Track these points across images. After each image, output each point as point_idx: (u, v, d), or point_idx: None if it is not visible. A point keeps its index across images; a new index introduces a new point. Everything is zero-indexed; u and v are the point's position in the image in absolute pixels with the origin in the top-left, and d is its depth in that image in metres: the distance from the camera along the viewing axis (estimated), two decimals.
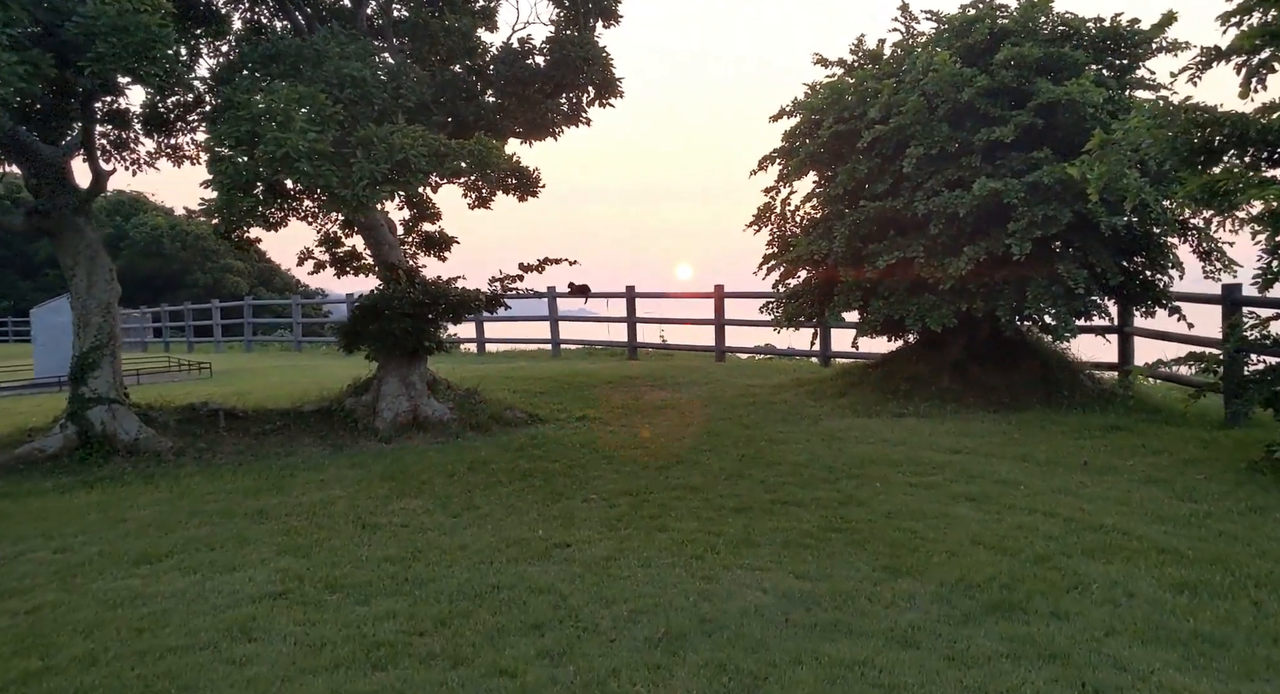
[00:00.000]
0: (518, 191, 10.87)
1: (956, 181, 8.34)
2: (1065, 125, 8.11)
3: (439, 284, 8.09)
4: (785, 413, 8.74)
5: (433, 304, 7.87)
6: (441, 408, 8.13)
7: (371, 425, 7.86)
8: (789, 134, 9.89)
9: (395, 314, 7.67)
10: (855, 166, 8.91)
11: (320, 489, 6.22)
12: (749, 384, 10.59)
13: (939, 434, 7.49)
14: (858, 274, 8.79)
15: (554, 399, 9.88)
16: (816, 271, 9.52)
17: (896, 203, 8.55)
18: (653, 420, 8.63)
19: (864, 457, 6.75)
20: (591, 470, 6.67)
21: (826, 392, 9.49)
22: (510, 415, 8.40)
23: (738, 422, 8.38)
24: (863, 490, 5.85)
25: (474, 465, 6.83)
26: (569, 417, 8.85)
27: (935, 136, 8.38)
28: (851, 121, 9.10)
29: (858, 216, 8.75)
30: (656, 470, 6.61)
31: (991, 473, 6.17)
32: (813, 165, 9.60)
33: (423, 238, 11.12)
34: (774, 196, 10.14)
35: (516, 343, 17.82)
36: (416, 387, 8.04)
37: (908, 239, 8.59)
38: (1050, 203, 7.72)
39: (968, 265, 7.96)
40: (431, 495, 6.01)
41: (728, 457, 6.95)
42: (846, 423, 8.14)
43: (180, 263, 42.98)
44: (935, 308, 8.31)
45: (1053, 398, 8.66)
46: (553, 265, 8.51)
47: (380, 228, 8.31)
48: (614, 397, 10.03)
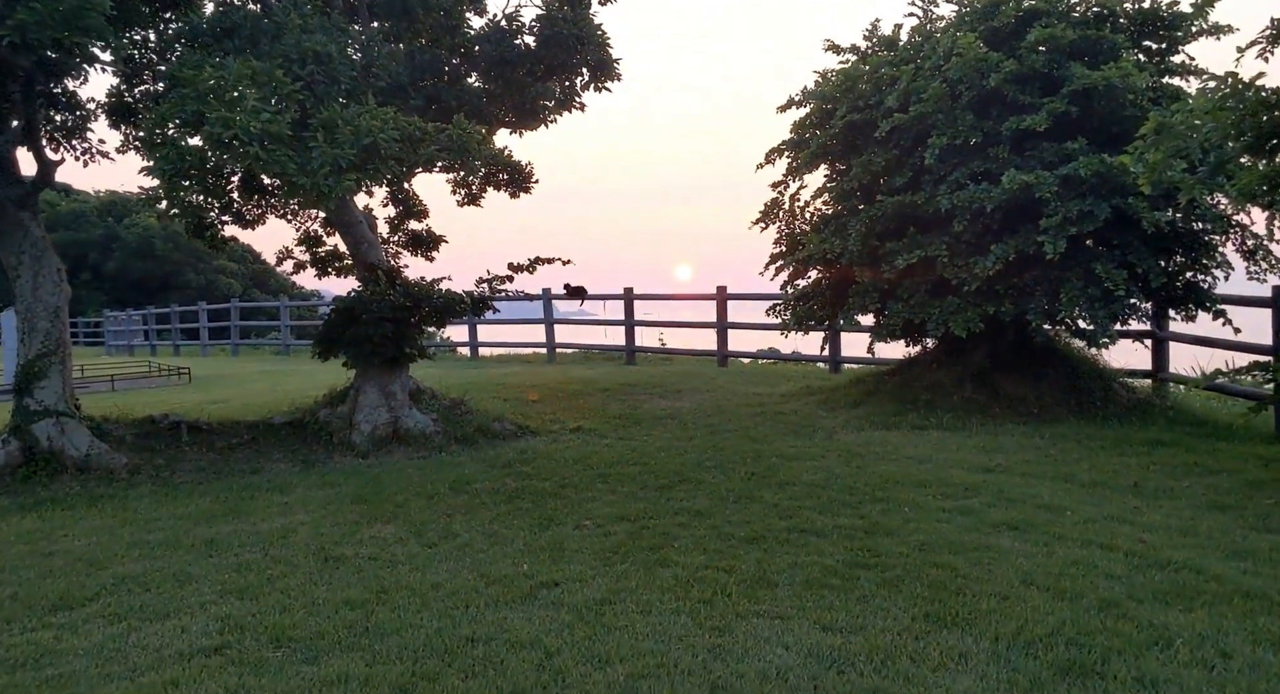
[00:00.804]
0: (509, 187, 10.25)
1: (982, 174, 7.72)
2: (1101, 114, 7.48)
3: (422, 286, 7.45)
4: (796, 424, 8.10)
5: (414, 307, 7.22)
6: (424, 419, 7.49)
7: (348, 439, 7.21)
8: (798, 125, 9.26)
9: (373, 318, 7.03)
10: (871, 159, 8.28)
11: (283, 514, 5.57)
12: (754, 392, 9.95)
13: (967, 450, 6.85)
14: (874, 274, 8.16)
15: (547, 408, 9.24)
16: (828, 272, 8.88)
17: (917, 197, 7.92)
18: (652, 433, 7.99)
19: (887, 476, 6.11)
20: (585, 491, 6.02)
21: (839, 401, 8.84)
22: (499, 427, 7.75)
23: (744, 434, 7.74)
24: (890, 517, 5.21)
25: (456, 485, 6.18)
26: (562, 428, 8.21)
27: (959, 126, 7.75)
28: (867, 111, 8.47)
29: (874, 212, 8.11)
30: (657, 491, 5.97)
31: (1032, 496, 5.52)
32: (824, 158, 8.97)
33: (409, 237, 10.50)
34: (782, 192, 9.51)
35: (511, 347, 17.18)
36: (397, 397, 7.40)
37: (929, 237, 7.95)
38: (1086, 197, 7.09)
39: (995, 265, 7.33)
40: (406, 521, 5.36)
41: (735, 475, 6.31)
42: (864, 436, 7.50)
43: (173, 264, 42.31)
44: (959, 311, 7.68)
45: (1085, 409, 8.03)
46: (545, 265, 7.88)
47: (359, 225, 7.68)
48: (611, 406, 9.39)
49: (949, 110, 7.86)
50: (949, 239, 7.79)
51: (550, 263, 7.91)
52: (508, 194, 10.24)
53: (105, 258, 41.15)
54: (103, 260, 41.23)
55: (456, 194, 10.40)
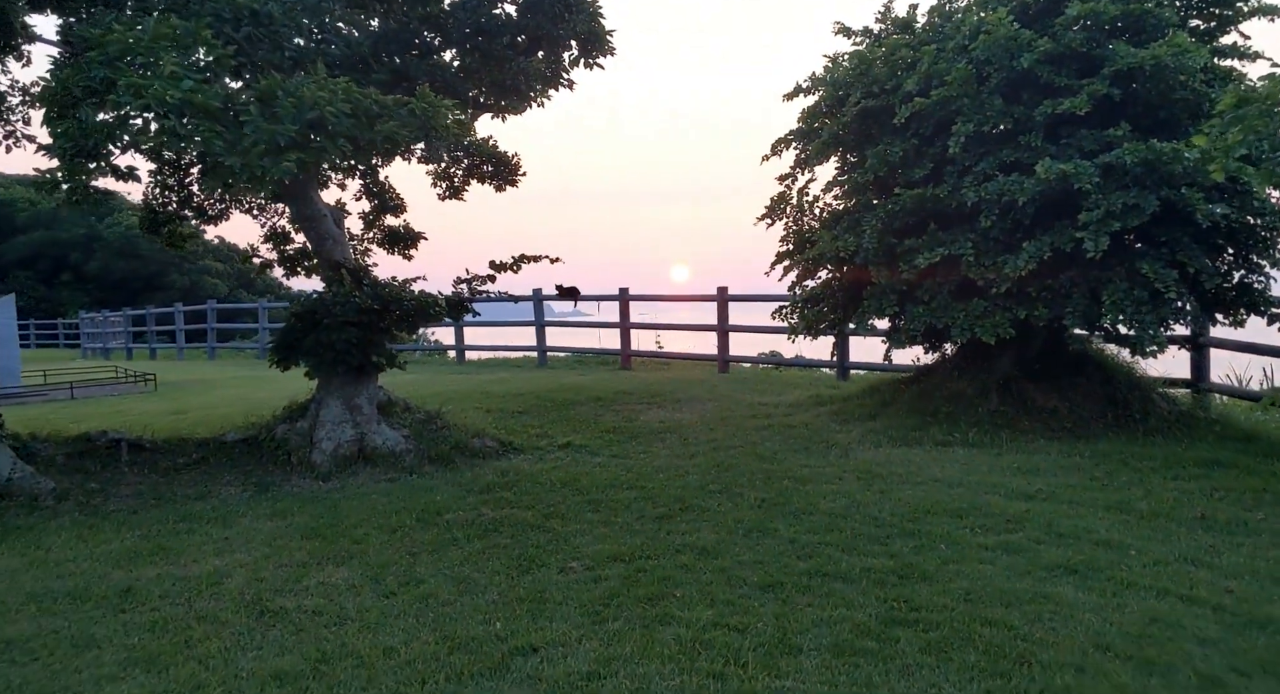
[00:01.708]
0: (494, 180, 9.49)
1: (1013, 164, 7.00)
2: (1146, 97, 6.77)
3: (392, 287, 6.69)
4: (807, 439, 7.36)
5: (383, 311, 6.47)
6: (394, 436, 6.73)
7: (307, 458, 6.45)
8: (807, 113, 8.52)
9: (336, 323, 6.27)
10: (888, 149, 7.55)
11: (220, 552, 4.80)
12: (759, 401, 9.21)
13: (1000, 471, 6.12)
14: (891, 275, 7.42)
15: (534, 420, 8.49)
16: (841, 272, 8.15)
17: (939, 191, 7.19)
18: (650, 449, 7.24)
19: (916, 503, 5.38)
20: (573, 521, 5.28)
21: (853, 413, 8.11)
22: (479, 444, 7.00)
23: (752, 451, 7.00)
24: (925, 556, 4.48)
25: (425, 515, 5.43)
26: (550, 444, 7.45)
27: (987, 111, 7.03)
28: (883, 96, 7.74)
29: (892, 207, 7.38)
30: (655, 521, 5.23)
31: (1086, 530, 4.80)
32: (836, 148, 8.23)
33: (385, 233, 9.73)
34: (789, 185, 8.77)
35: (499, 350, 16.42)
36: (364, 411, 6.64)
37: (952, 233, 7.23)
38: (1130, 189, 6.37)
39: (1028, 265, 6.60)
40: (362, 562, 4.61)
41: (744, 502, 5.57)
42: (883, 454, 6.77)
43: (157, 264, 41.40)
44: (987, 315, 6.96)
45: (1123, 422, 7.31)
46: (531, 264, 7.13)
47: (323, 220, 6.92)
48: (604, 417, 8.64)
49: (975, 94, 7.13)
50: (975, 236, 7.07)
51: (536, 261, 7.17)
52: (493, 187, 9.51)
53: (87, 258, 40.24)
54: (84, 260, 40.32)
55: (437, 187, 9.67)
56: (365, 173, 9.28)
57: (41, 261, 41.56)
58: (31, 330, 35.53)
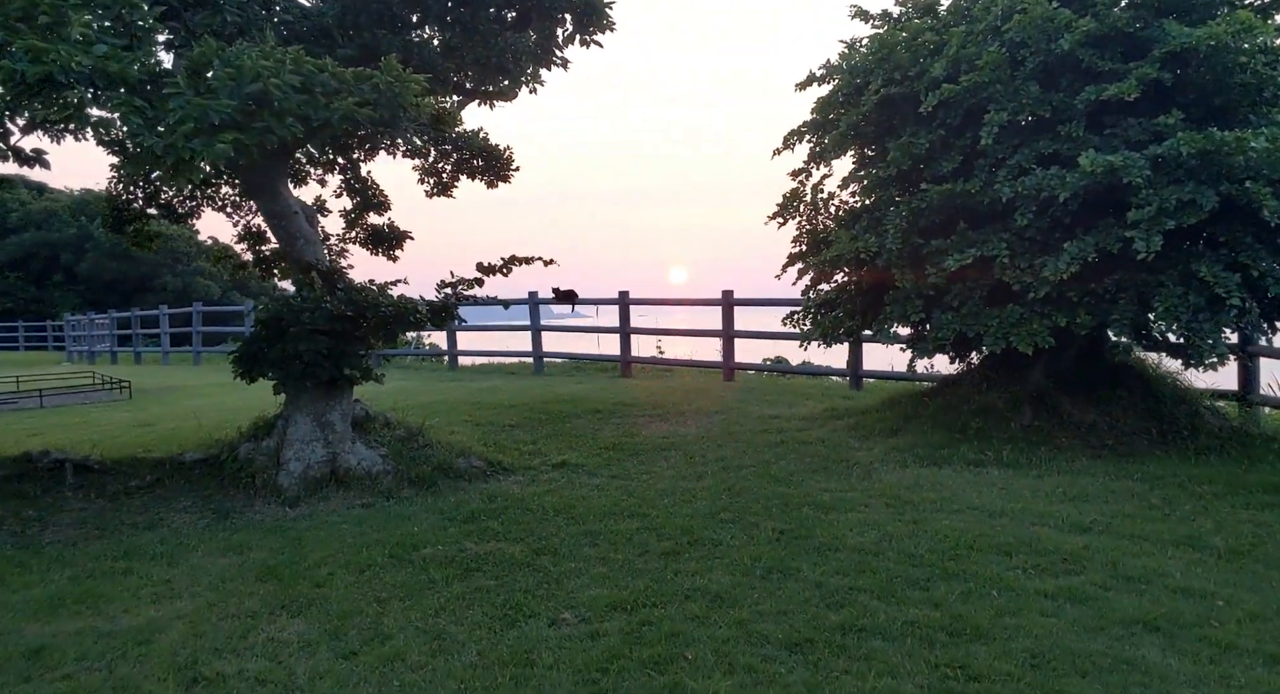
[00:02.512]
0: (485, 175, 8.88)
1: (1051, 157, 6.38)
2: (1200, 82, 6.15)
3: (368, 291, 6.06)
4: (825, 458, 6.72)
5: (357, 318, 5.83)
6: (370, 456, 6.09)
7: (273, 481, 5.81)
8: (822, 103, 7.90)
9: (304, 331, 5.64)
10: (912, 140, 6.92)
11: (160, 599, 4.16)
12: (770, 414, 8.58)
13: (1045, 497, 5.49)
14: (917, 278, 6.79)
15: (527, 435, 7.85)
16: (859, 274, 7.52)
17: (970, 186, 6.57)
18: (653, 469, 6.61)
19: (956, 537, 4.74)
20: (567, 558, 4.64)
21: (872, 428, 7.48)
22: (464, 464, 6.36)
23: (765, 472, 6.36)
24: (976, 605, 3.85)
25: (400, 550, 4.79)
26: (543, 463, 6.81)
27: (1022, 98, 6.41)
28: (906, 83, 7.12)
29: (917, 204, 6.76)
30: (661, 558, 4.59)
31: (1157, 573, 4.17)
32: (854, 141, 7.61)
33: (368, 232, 9.11)
34: (803, 181, 8.15)
35: (494, 356, 15.77)
36: (336, 428, 6.00)
37: (984, 233, 6.61)
38: (1185, 183, 5.75)
39: (1070, 267, 5.97)
40: (323, 612, 3.97)
41: (760, 534, 4.94)
42: (910, 476, 6.13)
43: (149, 265, 40.74)
44: (1023, 322, 6.33)
45: (1170, 439, 6.68)
46: (522, 266, 6.50)
47: (293, 216, 6.29)
48: (603, 431, 8.00)
49: (1009, 80, 6.51)
50: (1009, 236, 6.44)
51: (528, 263, 6.54)
52: (483, 183, 8.91)
53: (78, 259, 39.61)
54: (75, 261, 39.70)
55: (424, 183, 9.06)
56: (346, 168, 8.67)
57: (33, 262, 40.96)
58: (20, 333, 34.87)
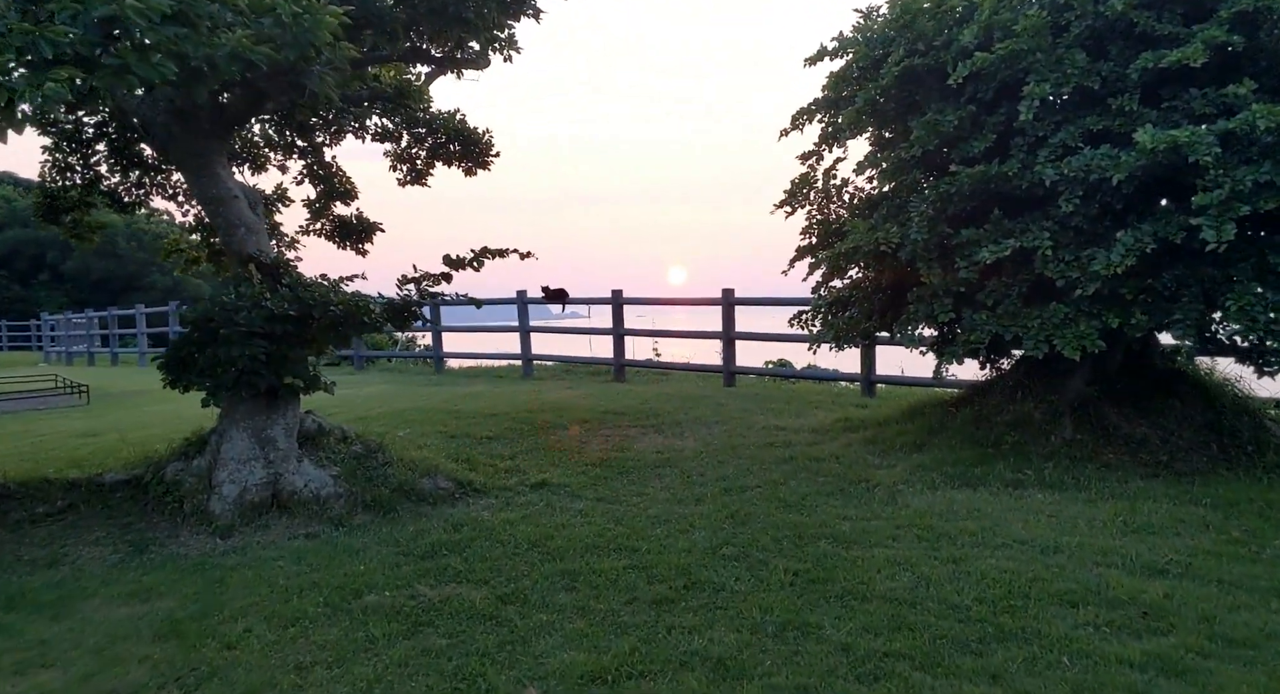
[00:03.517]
0: (462, 162, 8.12)
1: (1100, 134, 5.59)
2: (1276, 48, 5.35)
3: (317, 288, 5.26)
4: (841, 478, 5.92)
5: (302, 318, 5.03)
6: (320, 477, 5.28)
7: (204, 507, 5.01)
8: (835, 78, 7.10)
9: (239, 334, 4.83)
10: (938, 117, 6.13)
11: (25, 669, 3.36)
12: (776, 425, 7.78)
13: (1103, 527, 4.69)
14: (945, 273, 6.00)
15: (505, 449, 7.04)
16: (878, 269, 6.73)
17: (1006, 168, 5.77)
18: (645, 491, 5.81)
19: (1005, 580, 3.95)
20: (538, 607, 3.84)
21: (893, 441, 6.67)
22: (430, 486, 5.56)
23: (773, 494, 5.56)
24: (1045, 679, 3.05)
25: (340, 596, 3.99)
26: (521, 483, 6.01)
27: (1067, 68, 5.62)
28: (931, 54, 6.32)
29: (945, 189, 5.96)
30: (651, 608, 3.80)
31: (1265, 631, 3.37)
32: (872, 119, 6.81)
33: (335, 224, 8.33)
34: (813, 165, 7.35)
35: (481, 359, 14.97)
36: (279, 445, 5.20)
37: (1022, 221, 5.82)
38: (1260, 162, 4.96)
39: (1126, 260, 5.18)
40: (224, 686, 3.17)
41: (770, 575, 4.14)
42: (941, 500, 5.33)
43: (137, 264, 39.99)
44: (1068, 323, 5.54)
45: (1232, 455, 5.89)
46: (495, 258, 5.70)
47: (233, 201, 5.49)
48: (591, 444, 7.19)
49: (1050, 48, 5.72)
50: (1052, 224, 5.66)
51: (501, 255, 5.74)
52: (461, 170, 8.14)
53: (64, 257, 38.79)
54: (61, 259, 38.89)
55: (397, 170, 8.29)
56: (308, 151, 7.88)
57: (18, 260, 40.18)
58: (3, 332, 34.05)
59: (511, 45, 5.52)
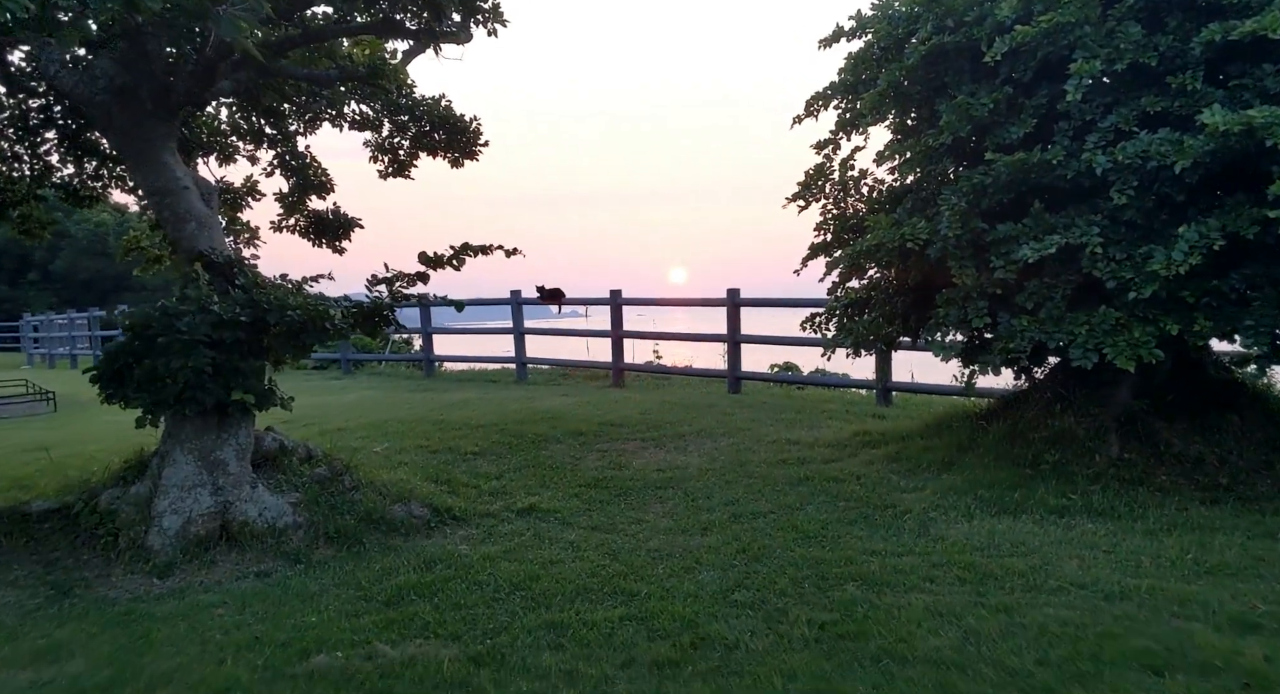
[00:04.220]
0: (448, 152, 7.51)
1: (1157, 116, 4.98)
2: None
3: (279, 288, 4.64)
4: (864, 502, 5.30)
5: (254, 324, 4.41)
6: (277, 505, 4.66)
7: (141, 541, 4.39)
8: (854, 59, 6.48)
9: (180, 343, 4.21)
10: (970, 100, 5.51)
11: None
12: (787, 438, 7.16)
13: (1171, 566, 4.07)
14: (980, 273, 5.38)
15: (492, 466, 6.42)
16: (903, 269, 6.11)
17: (1050, 155, 5.15)
18: (644, 516, 5.19)
19: (1069, 636, 3.33)
20: (518, 672, 3.23)
21: (918, 459, 6.05)
22: (402, 514, 4.93)
23: (788, 522, 4.94)
24: None
25: (281, 658, 3.37)
26: (506, 508, 5.39)
27: (1119, 43, 5.01)
28: (962, 30, 5.70)
29: (980, 179, 5.35)
30: (653, 674, 3.18)
31: None
32: (896, 103, 6.18)
33: (310, 219, 7.72)
34: (829, 155, 6.73)
35: (475, 362, 14.35)
36: (230, 469, 4.58)
37: (1067, 215, 5.21)
38: None
39: (1190, 258, 4.57)
40: None
41: (792, 629, 3.52)
42: (980, 530, 4.70)
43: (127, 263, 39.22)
44: (1120, 329, 4.92)
45: None
46: (477, 255, 5.08)
47: (182, 193, 4.87)
48: (585, 461, 6.58)
49: (1099, 21, 5.11)
50: (1102, 219, 5.05)
51: (485, 252, 5.12)
52: (447, 161, 7.53)
53: (53, 256, 38.17)
54: (50, 258, 38.28)
55: (378, 161, 7.69)
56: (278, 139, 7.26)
57: (6, 260, 39.57)
58: None
59: (496, 17, 4.91)
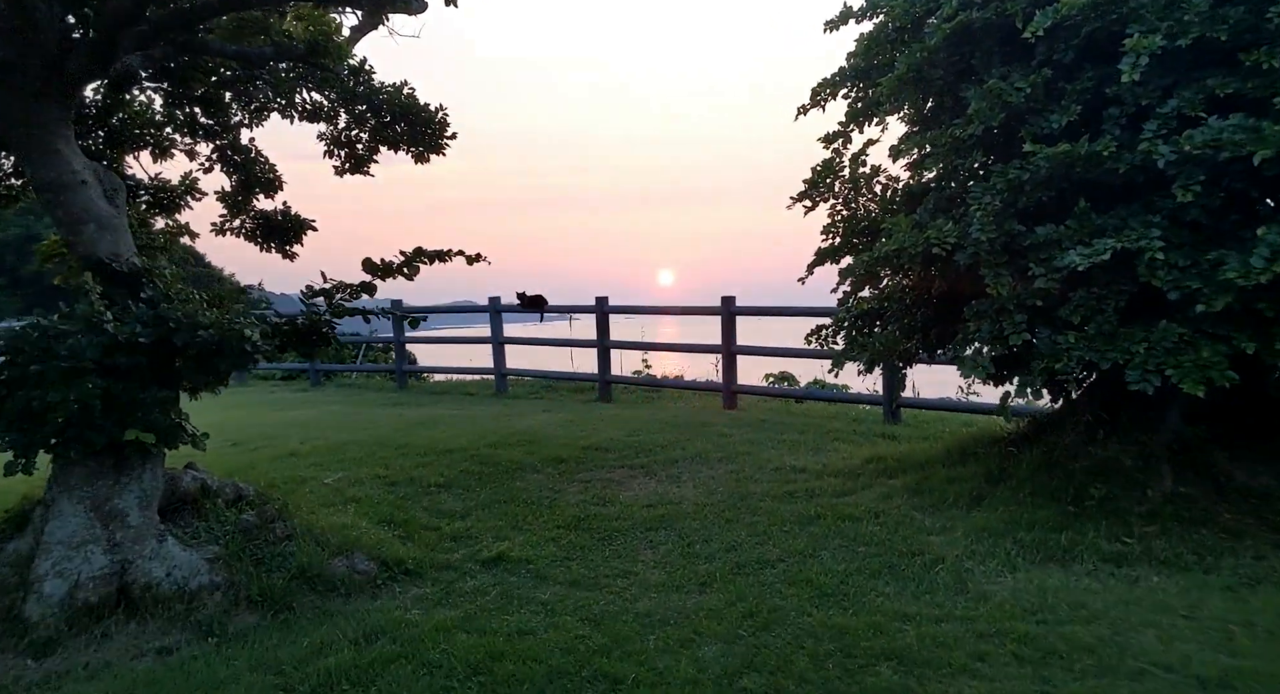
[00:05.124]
0: (411, 145, 6.79)
1: (1227, 101, 4.28)
2: None
3: (189, 303, 3.86)
4: (886, 548, 4.56)
5: (157, 346, 3.64)
6: (190, 561, 3.88)
7: (18, 611, 3.60)
8: (867, 41, 5.78)
9: (60, 371, 3.44)
10: (1003, 85, 4.81)
11: None
12: (791, 464, 6.42)
13: (1269, 637, 3.36)
14: (1018, 282, 4.66)
15: (457, 502, 5.65)
16: (925, 277, 5.39)
17: (1100, 146, 4.45)
18: (633, 569, 4.43)
19: None
20: None
21: (943, 492, 5.32)
22: (343, 569, 4.16)
23: (802, 575, 4.20)
24: None
25: None
26: (470, 557, 4.61)
27: (1182, 13, 4.32)
28: (993, 6, 5.00)
29: (1017, 175, 4.65)
30: None
31: None
32: (916, 90, 5.46)
33: (257, 221, 6.94)
34: (839, 150, 6.01)
35: (451, 373, 13.57)
36: (130, 521, 3.80)
37: (1117, 215, 4.51)
38: None
39: (1273, 266, 3.88)
40: None
41: None
42: (1029, 586, 3.97)
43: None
44: (1185, 347, 4.22)
45: None
46: (431, 263, 4.32)
47: (79, 187, 4.09)
48: (565, 495, 5.81)
49: None
50: (1162, 219, 4.35)
51: (444, 259, 4.36)
52: (410, 156, 6.79)
53: (23, 260, 37.02)
54: (20, 263, 37.14)
55: (334, 156, 6.95)
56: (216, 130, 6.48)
57: None
58: None
59: None
